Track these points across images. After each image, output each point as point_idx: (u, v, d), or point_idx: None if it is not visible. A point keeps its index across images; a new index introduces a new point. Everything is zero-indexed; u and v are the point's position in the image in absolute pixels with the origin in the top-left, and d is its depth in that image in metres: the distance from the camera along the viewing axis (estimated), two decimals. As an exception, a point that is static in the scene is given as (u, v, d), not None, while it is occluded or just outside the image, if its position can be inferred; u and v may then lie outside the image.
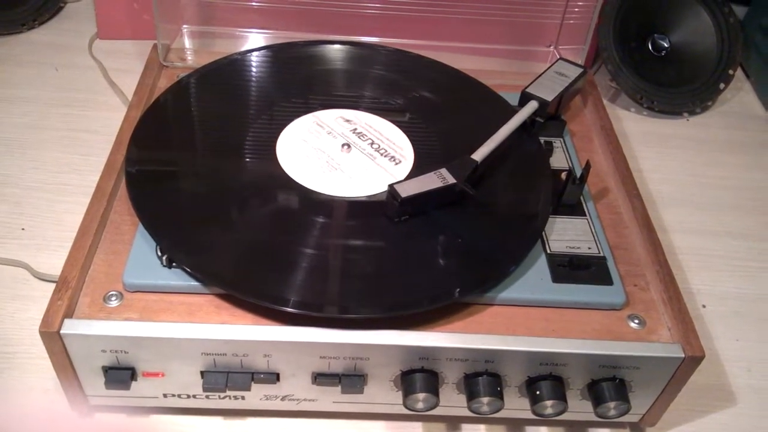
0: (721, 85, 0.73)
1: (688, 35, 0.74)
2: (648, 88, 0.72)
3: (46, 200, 0.56)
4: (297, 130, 0.49)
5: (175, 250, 0.40)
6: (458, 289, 0.40)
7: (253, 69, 0.54)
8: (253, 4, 0.60)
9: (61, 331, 0.37)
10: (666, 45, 0.74)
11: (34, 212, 0.55)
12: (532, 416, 0.42)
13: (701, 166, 0.68)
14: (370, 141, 0.49)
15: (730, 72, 0.73)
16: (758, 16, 0.79)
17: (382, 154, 0.48)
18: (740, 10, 0.82)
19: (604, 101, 0.73)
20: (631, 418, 0.44)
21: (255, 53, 0.55)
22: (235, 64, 0.54)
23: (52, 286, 0.49)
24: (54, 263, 0.51)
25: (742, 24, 0.81)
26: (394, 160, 0.47)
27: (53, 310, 0.37)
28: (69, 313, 0.38)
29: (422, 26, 0.62)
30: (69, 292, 0.38)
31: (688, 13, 0.74)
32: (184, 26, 0.59)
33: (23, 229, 0.54)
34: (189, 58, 0.57)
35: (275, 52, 0.55)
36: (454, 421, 0.45)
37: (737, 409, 0.48)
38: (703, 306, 0.55)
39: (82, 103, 0.66)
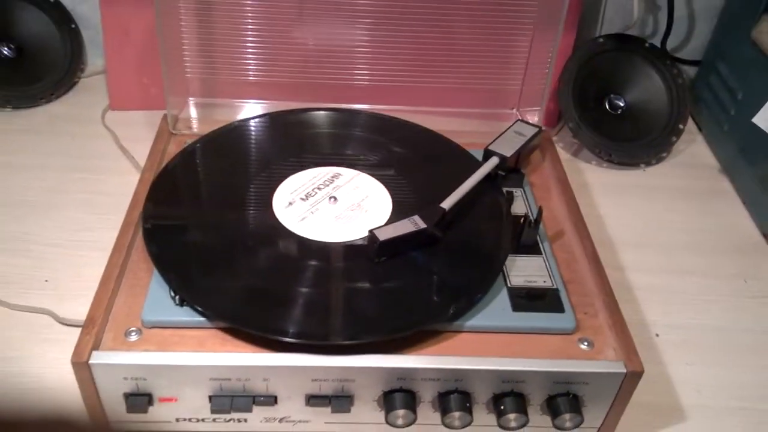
0: (673, 138, 0.81)
1: (642, 95, 0.82)
2: (606, 142, 0.79)
3: (66, 255, 0.63)
4: (290, 185, 0.56)
5: (186, 291, 0.46)
6: (429, 319, 0.46)
7: (252, 134, 0.62)
8: (250, 78, 0.68)
9: (90, 361, 0.43)
10: (621, 104, 0.82)
11: (55, 266, 0.62)
12: (500, 430, 0.48)
13: (657, 211, 0.74)
14: (354, 194, 0.56)
15: (681, 126, 0.81)
16: (706, 75, 0.87)
17: (363, 205, 0.55)
18: (692, 70, 0.91)
19: (568, 155, 0.81)
20: (588, 432, 0.50)
21: (253, 120, 0.63)
22: (235, 130, 0.62)
23: (75, 330, 0.56)
24: (75, 310, 0.57)
25: (694, 82, 0.90)
26: (374, 211, 0.54)
27: (83, 344, 0.44)
28: (96, 346, 0.44)
29: (401, 94, 0.70)
30: (95, 329, 0.45)
31: (641, 75, 0.82)
32: (190, 98, 0.67)
33: (46, 281, 0.61)
34: (194, 126, 0.65)
35: (270, 119, 0.63)
36: (432, 439, 0.51)
37: (687, 425, 0.54)
38: (656, 335, 0.61)
39: (96, 168, 0.73)
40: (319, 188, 0.56)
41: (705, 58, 0.88)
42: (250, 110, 0.68)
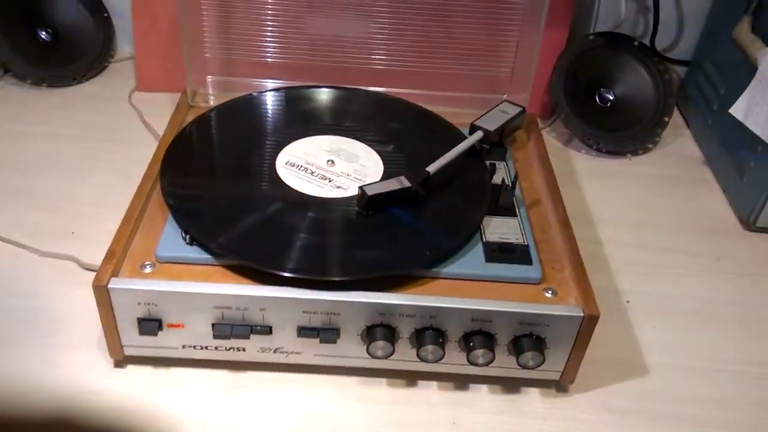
0: (658, 130, 0.86)
1: (630, 89, 0.87)
2: (595, 133, 0.85)
3: (93, 213, 0.70)
4: (294, 149, 0.62)
5: (196, 231, 0.52)
6: (410, 263, 0.52)
7: (262, 105, 0.68)
8: (264, 59, 0.74)
9: (109, 286, 0.49)
10: (611, 97, 0.87)
11: (82, 222, 0.69)
12: (474, 372, 0.54)
13: (638, 195, 0.79)
14: (350, 159, 0.62)
15: (666, 119, 0.86)
16: (694, 74, 0.93)
17: (358, 169, 0.61)
18: (682, 70, 0.96)
19: (560, 144, 0.87)
20: (552, 375, 0.55)
21: (263, 94, 0.69)
22: (247, 101, 0.68)
23: (95, 273, 0.62)
24: (97, 257, 0.63)
25: (684, 81, 0.96)
26: (367, 174, 0.60)
27: (103, 272, 0.50)
28: (114, 275, 0.51)
29: (402, 78, 0.76)
30: (114, 260, 0.51)
31: (630, 71, 0.88)
32: (208, 76, 0.74)
33: (73, 232, 0.67)
34: (211, 101, 0.72)
35: (279, 93, 0.70)
36: (412, 377, 0.56)
37: (648, 378, 0.59)
38: (627, 301, 0.66)
39: (122, 140, 0.80)
40: (319, 153, 0.62)
41: (694, 58, 0.94)
42: (263, 89, 0.75)
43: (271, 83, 0.75)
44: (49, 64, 0.87)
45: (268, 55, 0.74)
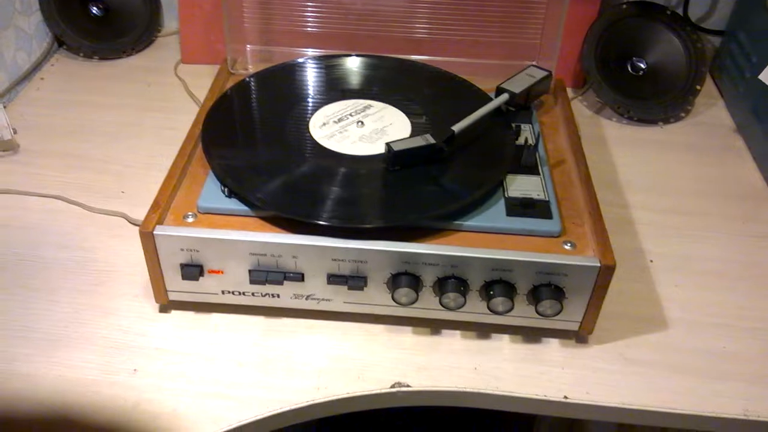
0: (690, 98, 0.86)
1: (662, 58, 0.88)
2: (625, 100, 0.86)
3: (140, 174, 0.74)
4: (327, 111, 0.66)
5: (234, 185, 0.56)
6: (433, 214, 0.55)
7: (298, 72, 0.72)
8: (305, 29, 0.78)
9: (154, 232, 0.54)
10: (643, 66, 0.88)
11: (131, 182, 0.73)
12: (496, 321, 0.56)
13: (668, 162, 0.80)
14: (379, 121, 0.65)
15: (697, 87, 0.86)
16: (728, 44, 0.93)
17: (386, 130, 0.64)
18: (716, 40, 0.96)
19: (591, 112, 0.88)
20: (571, 326, 0.57)
21: (299, 61, 0.73)
22: (284, 69, 0.72)
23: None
24: (144, 214, 0.68)
25: (718, 51, 0.96)
26: (395, 135, 0.63)
27: (149, 220, 0.54)
28: (159, 223, 0.55)
29: (435, 46, 0.78)
30: (159, 210, 0.55)
31: (662, 39, 0.88)
32: (248, 46, 0.78)
33: (123, 192, 0.72)
34: (250, 68, 0.76)
35: (314, 61, 0.73)
36: (436, 326, 0.59)
37: (667, 333, 0.60)
38: (651, 261, 0.67)
39: (168, 108, 0.84)
40: (350, 115, 0.65)
41: (728, 28, 0.94)
42: (295, 56, 0.78)
43: (307, 51, 0.78)
44: (100, 38, 0.92)
45: (305, 24, 0.78)
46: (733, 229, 0.72)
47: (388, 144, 0.58)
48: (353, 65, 0.73)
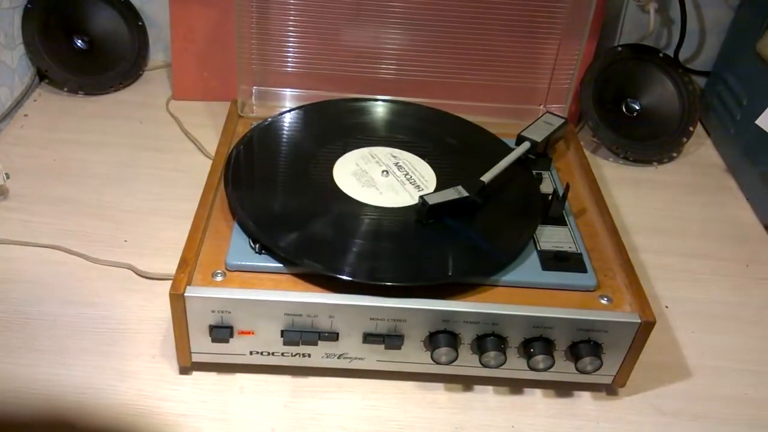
0: (684, 139, 0.88)
1: (655, 99, 0.90)
2: (622, 141, 0.87)
3: (142, 220, 0.71)
4: (349, 159, 0.64)
5: (266, 240, 0.54)
6: (471, 271, 0.54)
7: (316, 116, 0.70)
8: (309, 71, 0.76)
9: (186, 294, 0.51)
10: (637, 107, 0.90)
11: (132, 229, 0.70)
12: (529, 377, 0.56)
13: (666, 203, 0.82)
14: (404, 170, 0.64)
15: (690, 128, 0.88)
16: (715, 84, 0.95)
17: (412, 180, 0.63)
18: (702, 81, 0.99)
19: (587, 152, 0.89)
20: (605, 380, 0.57)
21: (316, 105, 0.71)
22: (302, 112, 0.70)
23: (153, 282, 0.64)
24: (152, 265, 0.65)
25: (703, 91, 0.98)
26: (420, 186, 0.62)
27: (179, 280, 0.52)
28: (188, 283, 0.52)
29: (442, 89, 0.78)
30: (188, 269, 0.53)
31: (655, 81, 0.90)
32: (254, 87, 0.76)
33: (126, 240, 0.69)
34: (254, 110, 0.73)
35: (334, 105, 0.72)
36: (469, 382, 0.58)
37: (691, 381, 0.61)
38: (666, 307, 0.68)
39: (163, 148, 0.81)
40: (373, 163, 0.64)
41: (714, 69, 0.96)
42: (305, 99, 0.76)
43: (311, 93, 0.76)
44: (85, 71, 0.88)
45: (309, 66, 0.76)
46: (738, 272, 0.73)
47: (422, 197, 0.57)
48: (372, 110, 0.73)
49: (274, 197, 0.60)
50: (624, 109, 0.90)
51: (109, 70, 0.90)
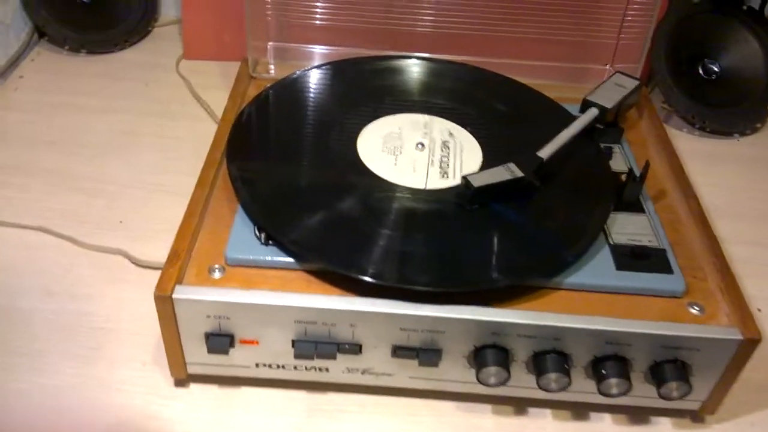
0: (770, 107, 0.76)
1: (738, 60, 0.77)
2: (699, 109, 0.75)
3: (140, 197, 0.62)
4: (377, 129, 0.53)
5: (274, 229, 0.44)
6: (527, 271, 0.43)
7: (337, 77, 0.59)
8: (335, 23, 0.65)
9: (173, 296, 0.41)
10: (716, 69, 0.77)
11: (129, 207, 0.61)
12: (597, 401, 0.45)
13: (752, 182, 0.70)
14: (442, 142, 0.53)
15: (779, 95, 0.76)
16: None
17: (452, 154, 0.52)
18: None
19: (657, 121, 0.77)
20: (691, 405, 0.46)
21: (339, 63, 0.60)
22: (320, 73, 0.59)
23: (148, 271, 0.54)
24: (148, 252, 0.56)
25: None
26: (463, 160, 0.51)
27: (166, 278, 0.42)
28: (179, 281, 0.42)
29: (486, 44, 0.66)
30: (179, 263, 0.43)
31: (738, 39, 0.77)
32: (270, 43, 0.65)
33: (121, 221, 0.59)
34: (272, 70, 0.63)
35: (357, 63, 0.61)
36: (522, 404, 0.48)
37: (794, 405, 0.50)
38: (759, 310, 0.57)
39: (170, 113, 0.72)
40: (406, 134, 0.53)
41: (809, 25, 0.83)
42: (329, 57, 0.65)
43: (338, 50, 0.66)
44: (88, 28, 0.79)
45: (333, 18, 0.65)
46: (843, 267, 0.61)
47: (465, 178, 0.46)
48: (405, 70, 0.61)
49: (287, 175, 0.49)
50: (701, 72, 0.77)
51: (114, 26, 0.80)
